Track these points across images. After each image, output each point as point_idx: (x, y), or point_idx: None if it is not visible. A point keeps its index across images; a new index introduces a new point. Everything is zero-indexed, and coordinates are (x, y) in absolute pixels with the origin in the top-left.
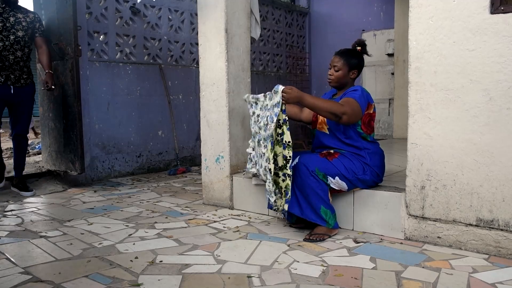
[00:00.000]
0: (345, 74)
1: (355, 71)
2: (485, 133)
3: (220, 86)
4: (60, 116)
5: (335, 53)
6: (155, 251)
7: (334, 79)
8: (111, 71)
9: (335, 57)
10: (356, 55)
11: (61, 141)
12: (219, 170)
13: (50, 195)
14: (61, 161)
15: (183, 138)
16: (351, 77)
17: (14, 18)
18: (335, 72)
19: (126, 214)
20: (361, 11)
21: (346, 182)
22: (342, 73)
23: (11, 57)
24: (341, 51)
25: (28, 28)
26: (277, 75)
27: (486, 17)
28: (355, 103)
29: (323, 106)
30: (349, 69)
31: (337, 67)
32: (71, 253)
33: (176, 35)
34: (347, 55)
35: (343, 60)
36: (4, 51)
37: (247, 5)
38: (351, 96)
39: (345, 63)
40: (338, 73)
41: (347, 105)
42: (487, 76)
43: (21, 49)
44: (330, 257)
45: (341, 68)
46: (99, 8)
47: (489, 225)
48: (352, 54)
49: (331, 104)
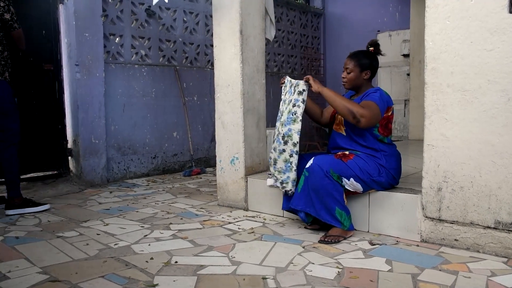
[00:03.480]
0: (358, 75)
1: (367, 72)
2: (504, 134)
3: (235, 88)
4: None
5: (348, 56)
6: (170, 252)
7: (347, 81)
8: (127, 73)
9: (347, 59)
10: (368, 56)
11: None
12: (234, 171)
13: (66, 196)
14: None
15: (198, 139)
16: (364, 78)
17: None
18: (347, 75)
19: (141, 215)
20: (376, 11)
21: (361, 184)
22: (354, 74)
23: None
24: (352, 53)
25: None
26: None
27: (505, 16)
28: (375, 107)
29: (343, 102)
30: (361, 70)
31: (349, 69)
32: (87, 253)
33: (191, 36)
34: (358, 56)
35: (354, 61)
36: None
37: (262, 6)
38: (371, 99)
39: (356, 64)
40: (350, 75)
41: (367, 108)
42: (506, 76)
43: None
44: (345, 259)
45: (352, 69)
46: (115, 10)
47: (508, 227)
48: (363, 54)
49: (351, 103)
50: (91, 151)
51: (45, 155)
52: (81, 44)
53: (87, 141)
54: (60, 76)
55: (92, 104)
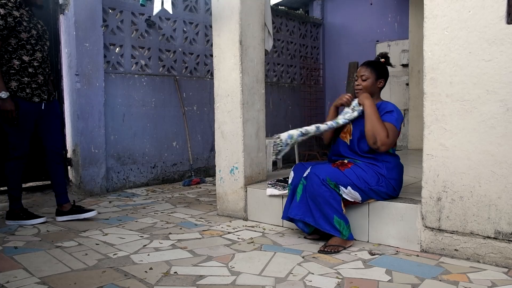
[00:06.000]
0: (373, 82)
1: (381, 80)
2: (503, 144)
3: (235, 98)
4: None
5: (361, 64)
6: (169, 262)
7: (362, 88)
8: (127, 83)
9: (362, 67)
10: (381, 65)
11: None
12: (233, 181)
13: None
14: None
15: (198, 149)
16: (378, 86)
17: (40, 25)
18: (362, 82)
19: (140, 225)
20: (375, 21)
21: (359, 192)
22: (370, 82)
23: (47, 70)
24: (367, 61)
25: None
26: (291, 86)
27: (503, 27)
28: (396, 132)
29: (375, 123)
30: (377, 77)
31: (365, 76)
32: (86, 263)
33: (190, 47)
34: (373, 65)
35: (370, 69)
36: (43, 63)
37: (261, 17)
38: (389, 120)
39: (372, 72)
40: (366, 82)
41: (391, 136)
42: (504, 86)
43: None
44: (345, 269)
45: (369, 76)
46: (115, 21)
47: (508, 237)
48: (378, 64)
49: (382, 127)
50: (90, 161)
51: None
52: (81, 54)
53: (87, 150)
54: (60, 85)
55: (92, 113)
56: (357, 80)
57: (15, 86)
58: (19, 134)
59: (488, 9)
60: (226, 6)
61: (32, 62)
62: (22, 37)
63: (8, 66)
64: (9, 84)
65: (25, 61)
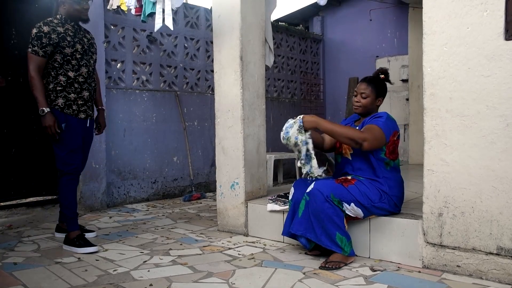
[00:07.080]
0: (373, 101)
1: (380, 99)
2: (503, 160)
3: (235, 113)
4: None
5: (361, 80)
6: (169, 278)
7: (361, 106)
8: (128, 98)
9: (362, 84)
10: (382, 83)
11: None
12: (234, 196)
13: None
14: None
15: (198, 164)
16: (377, 105)
17: (86, 39)
18: (362, 99)
19: (141, 240)
20: (374, 37)
21: (362, 209)
22: (370, 100)
23: (93, 85)
24: (367, 78)
25: (95, 50)
26: (292, 102)
27: (501, 43)
28: (377, 130)
29: (341, 132)
30: (376, 96)
31: (365, 94)
32: (86, 279)
33: (191, 62)
34: (374, 83)
35: (371, 87)
36: (89, 78)
37: (262, 33)
38: (374, 123)
39: (372, 90)
40: (366, 100)
41: (368, 131)
42: (504, 102)
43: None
44: (346, 286)
45: (369, 95)
46: (117, 37)
47: (510, 254)
48: (378, 81)
49: (350, 130)
50: (91, 176)
51: (45, 179)
52: None
53: (88, 165)
54: None
55: None
56: (356, 96)
57: (62, 103)
58: (67, 150)
59: (487, 25)
60: (227, 22)
61: (77, 77)
62: (66, 52)
63: (55, 83)
64: (56, 101)
65: (70, 77)
